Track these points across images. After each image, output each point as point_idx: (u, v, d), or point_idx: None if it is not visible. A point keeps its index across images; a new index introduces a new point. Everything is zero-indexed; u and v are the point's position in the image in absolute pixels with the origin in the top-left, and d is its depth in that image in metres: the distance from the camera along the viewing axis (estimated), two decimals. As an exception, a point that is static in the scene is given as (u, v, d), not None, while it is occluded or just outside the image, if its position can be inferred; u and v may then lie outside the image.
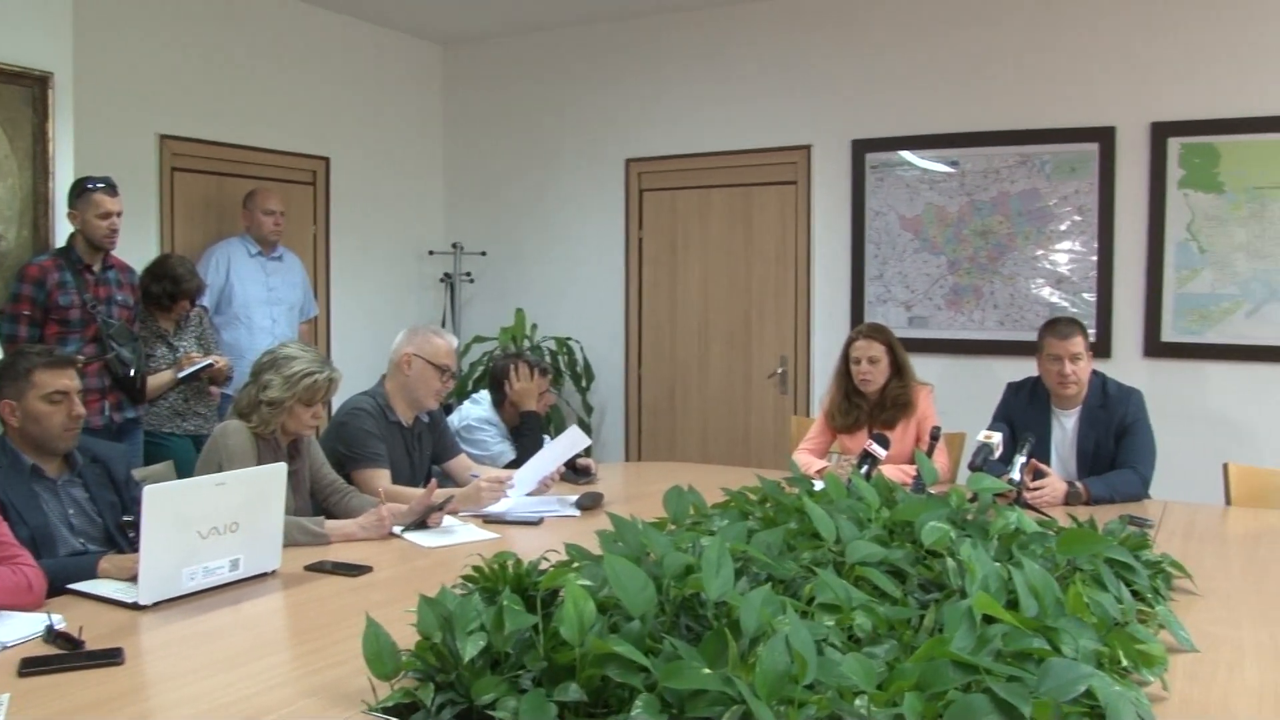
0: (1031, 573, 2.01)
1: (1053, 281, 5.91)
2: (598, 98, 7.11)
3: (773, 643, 1.61)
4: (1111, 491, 4.09)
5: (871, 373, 4.53)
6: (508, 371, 4.66)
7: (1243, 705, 2.02)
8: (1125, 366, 5.62)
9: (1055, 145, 5.88)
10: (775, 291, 6.60)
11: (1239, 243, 5.54)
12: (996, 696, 1.57)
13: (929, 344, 6.07)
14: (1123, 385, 4.40)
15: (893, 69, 6.21)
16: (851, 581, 2.14)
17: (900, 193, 6.21)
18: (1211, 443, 5.37)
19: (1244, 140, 5.50)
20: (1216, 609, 2.68)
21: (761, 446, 6.65)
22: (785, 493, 2.84)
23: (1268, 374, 5.53)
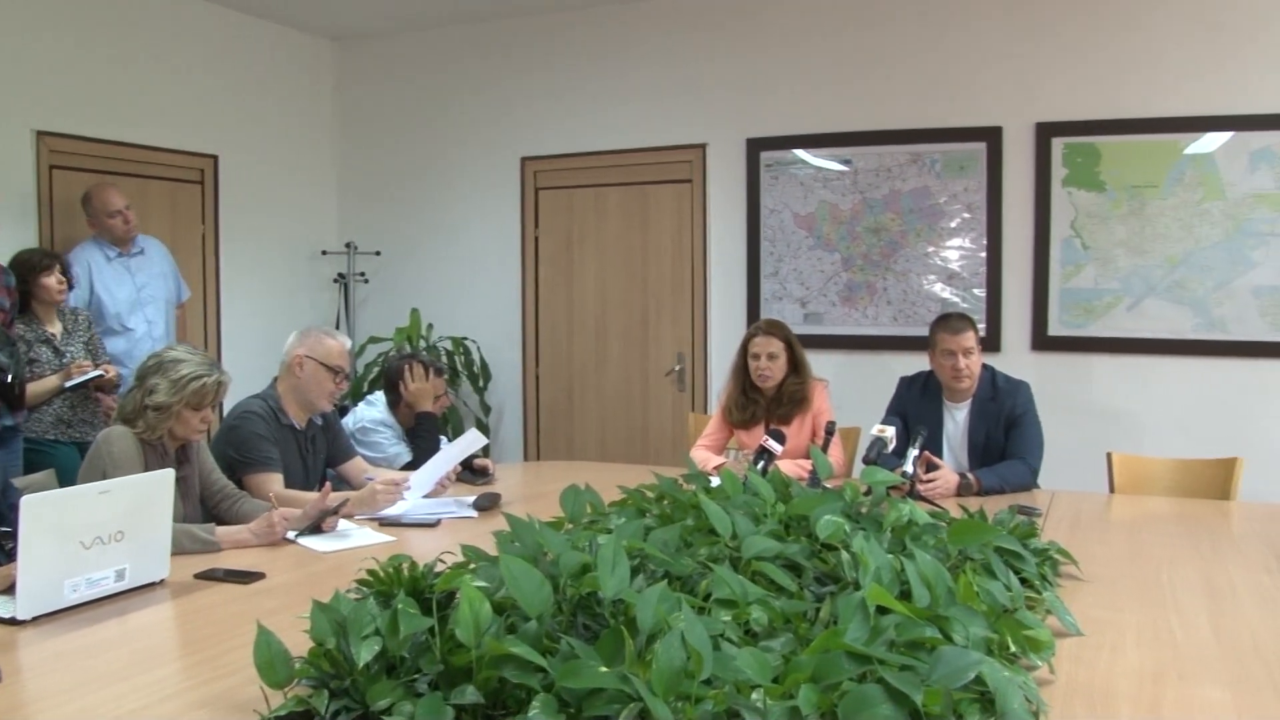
0: (923, 563, 2.04)
1: (944, 277, 6.03)
2: (493, 96, 7.06)
3: (668, 639, 1.61)
4: (1002, 482, 4.19)
5: (770, 369, 4.57)
6: (402, 372, 4.60)
7: (1125, 685, 2.08)
8: (1014, 360, 5.76)
9: (945, 144, 6.01)
10: (672, 289, 6.64)
11: (1119, 239, 5.71)
12: (889, 686, 1.59)
13: (824, 340, 6.16)
14: (1011, 378, 4.51)
15: (786, 69, 6.29)
16: (748, 576, 2.15)
17: (794, 191, 6.28)
18: (1096, 432, 5.53)
19: (1123, 140, 5.68)
20: (1101, 593, 2.76)
21: (660, 444, 6.68)
22: (682, 490, 2.85)
23: (1148, 365, 5.72)
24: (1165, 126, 5.63)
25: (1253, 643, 2.38)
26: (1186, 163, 5.61)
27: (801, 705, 1.57)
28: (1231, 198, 5.54)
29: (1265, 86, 5.47)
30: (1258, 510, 4.11)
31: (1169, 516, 3.95)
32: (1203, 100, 5.56)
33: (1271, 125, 5.46)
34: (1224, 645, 2.36)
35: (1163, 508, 4.15)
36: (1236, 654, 2.30)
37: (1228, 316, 5.59)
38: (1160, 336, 5.70)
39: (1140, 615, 2.57)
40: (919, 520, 2.57)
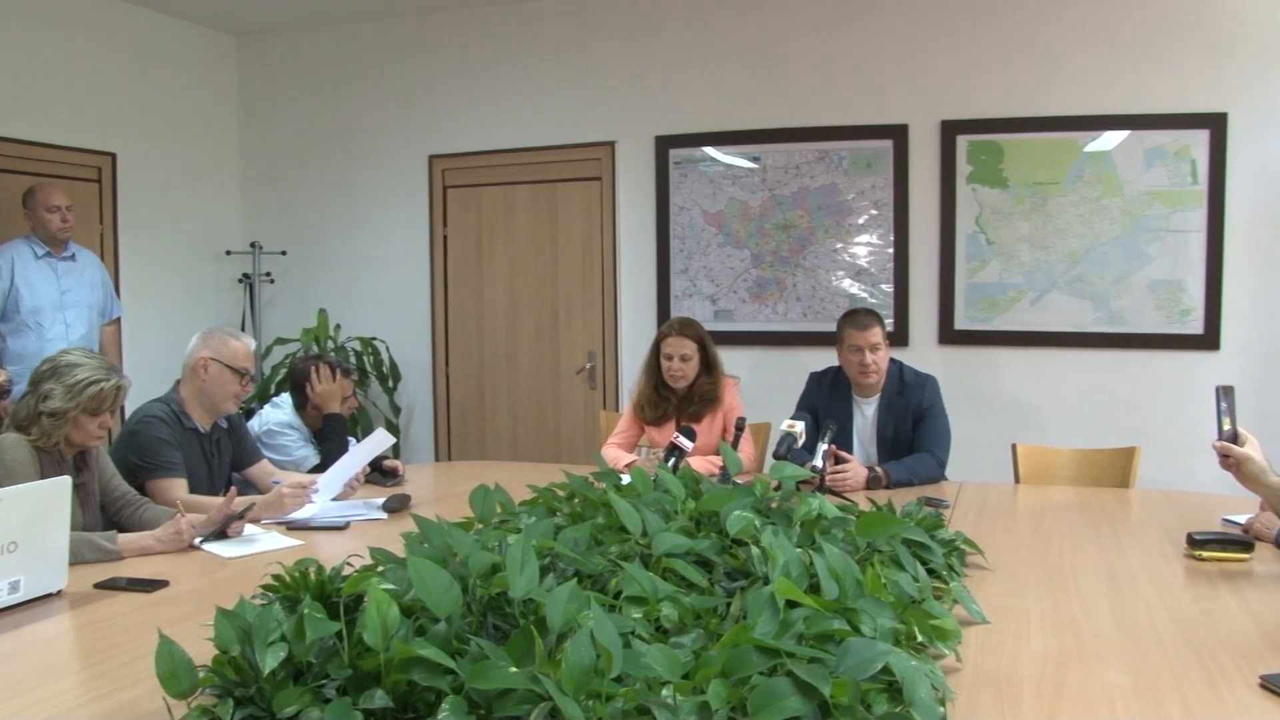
0: (832, 556, 2.06)
1: (852, 273, 6.10)
2: (400, 93, 7.00)
3: (578, 638, 1.60)
4: (910, 475, 4.25)
5: (684, 370, 4.58)
6: (309, 373, 4.54)
7: (1029, 670, 2.12)
8: (921, 354, 5.86)
9: (852, 142, 6.08)
10: (582, 287, 6.63)
11: (1023, 235, 5.83)
12: (798, 679, 1.60)
13: (734, 336, 6.20)
14: (919, 372, 4.58)
15: (695, 67, 6.31)
16: (659, 573, 2.15)
17: (704, 188, 6.31)
18: (1002, 424, 5.65)
19: (1026, 138, 5.81)
20: (1006, 582, 2.82)
21: (572, 442, 6.67)
22: (593, 488, 2.84)
23: (1051, 358, 5.85)
24: (1065, 125, 5.77)
25: (1151, 626, 2.44)
26: (1086, 160, 5.75)
27: (711, 700, 1.57)
28: (1128, 194, 5.69)
29: (1158, 88, 5.65)
30: (1155, 497, 4.22)
31: (1071, 505, 4.03)
32: (1101, 100, 5.72)
33: (1164, 125, 5.64)
34: (1124, 629, 2.41)
35: (1065, 497, 4.23)
36: (1135, 637, 2.35)
37: (1126, 310, 5.74)
38: (1062, 330, 5.84)
39: (1044, 602, 2.62)
40: (828, 514, 2.59)
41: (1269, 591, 2.79)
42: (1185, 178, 5.63)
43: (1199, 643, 2.31)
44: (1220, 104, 5.59)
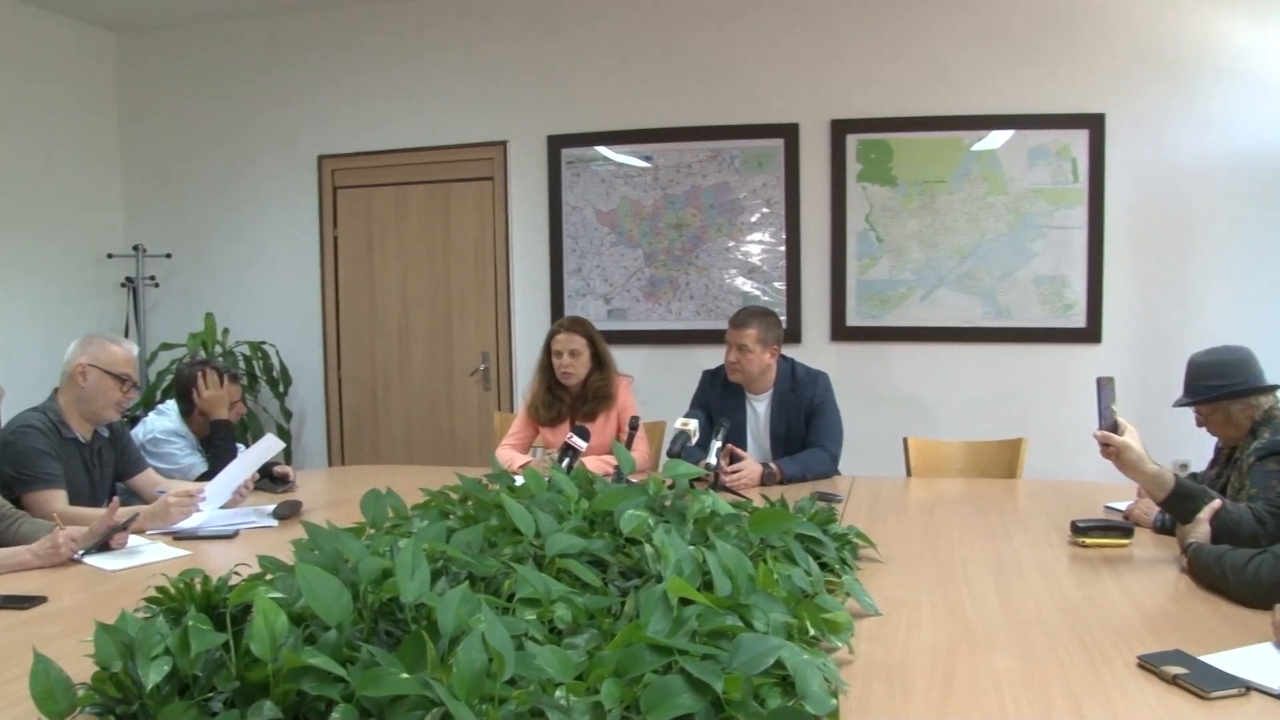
0: (724, 553, 2.07)
1: (745, 271, 6.15)
2: (287, 92, 6.86)
3: (469, 642, 1.59)
4: (804, 470, 4.30)
5: (573, 365, 4.57)
6: (195, 379, 4.43)
7: (920, 660, 2.16)
8: (815, 350, 5.93)
9: (744, 141, 6.12)
10: (475, 288, 6.58)
11: (912, 232, 5.93)
12: (690, 676, 1.60)
13: (629, 335, 6.20)
14: (810, 369, 4.64)
15: (587, 66, 6.30)
16: (552, 574, 2.14)
17: (596, 188, 6.31)
18: (893, 419, 5.74)
19: (914, 137, 5.91)
20: (898, 574, 2.86)
21: (467, 444, 6.62)
22: (485, 490, 2.82)
23: (940, 353, 5.97)
24: (952, 125, 5.89)
25: (1037, 613, 2.50)
26: (972, 159, 5.87)
27: (604, 700, 1.57)
28: (1013, 192, 5.83)
29: (1040, 89, 5.81)
30: (1040, 487, 4.33)
31: (961, 497, 4.12)
32: (986, 100, 5.86)
33: (1046, 125, 5.80)
34: (1011, 617, 2.47)
35: (956, 488, 4.32)
36: (1023, 624, 2.41)
37: (1012, 304, 5.88)
38: (951, 325, 5.96)
39: (935, 593, 2.67)
40: (721, 511, 2.60)
41: (1148, 575, 2.88)
42: (1067, 176, 5.79)
43: (1082, 627, 2.38)
44: (1098, 105, 5.77)
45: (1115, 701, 1.95)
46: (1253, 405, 3.49)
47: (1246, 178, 5.66)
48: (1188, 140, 5.72)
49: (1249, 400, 3.49)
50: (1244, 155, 5.66)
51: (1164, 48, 5.70)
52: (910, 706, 1.93)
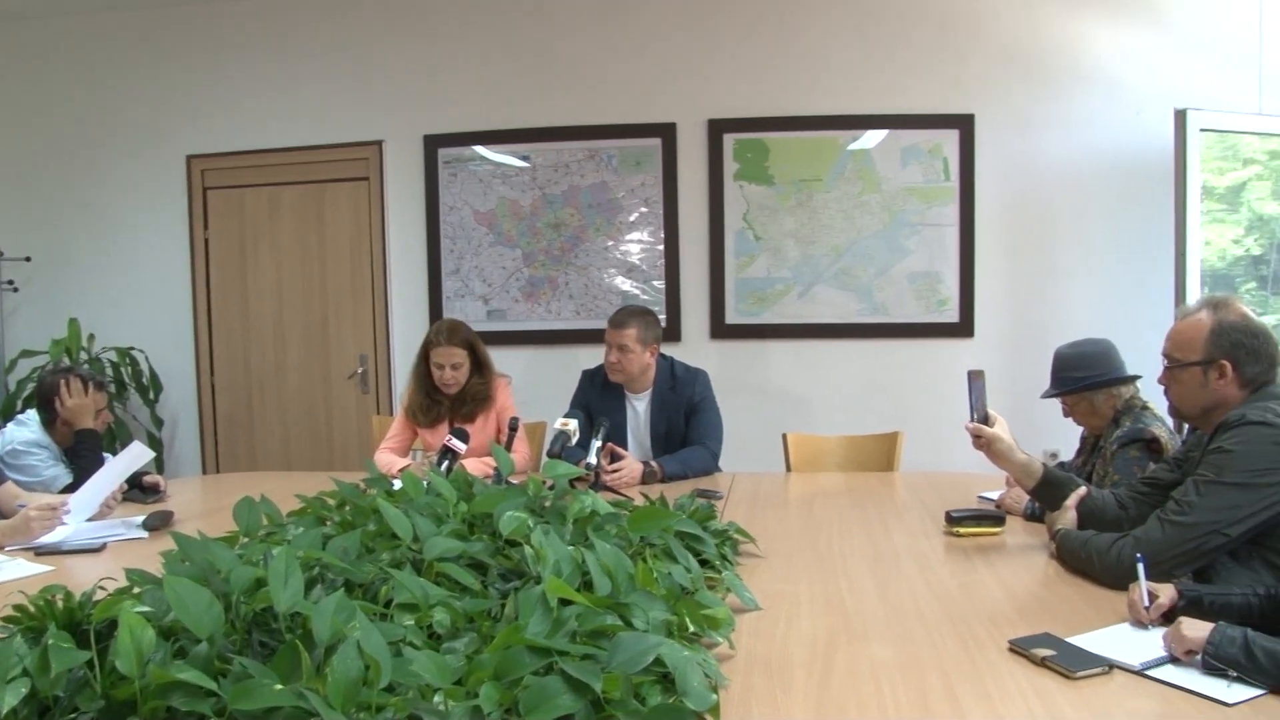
0: (603, 553, 2.06)
1: (624, 271, 6.16)
2: (153, 88, 6.65)
3: (344, 650, 1.56)
4: (685, 468, 4.32)
5: (455, 378, 4.50)
6: (57, 387, 4.27)
7: (800, 653, 2.18)
8: (694, 348, 5.97)
9: (621, 140, 6.13)
10: (352, 290, 6.47)
11: (788, 230, 6.01)
12: (570, 676, 1.60)
13: (508, 336, 6.17)
14: (690, 367, 4.66)
15: (463, 65, 6.25)
16: (431, 578, 2.12)
17: (474, 187, 6.26)
18: (773, 415, 5.81)
19: (790, 137, 5.99)
20: (778, 568, 2.89)
21: (346, 449, 6.51)
22: (363, 495, 2.77)
23: (818, 349, 6.06)
24: (827, 124, 5.99)
25: (914, 602, 2.54)
26: (847, 158, 5.98)
27: (483, 704, 1.55)
28: (887, 191, 5.95)
29: (913, 89, 5.94)
30: (917, 479, 4.41)
31: (840, 490, 4.18)
32: (860, 100, 5.98)
33: (919, 124, 5.94)
34: (889, 607, 2.51)
35: (834, 482, 4.38)
36: (900, 614, 2.45)
37: (888, 301, 5.99)
38: (829, 321, 6.05)
39: (814, 586, 2.70)
40: (601, 510, 2.59)
41: (1019, 562, 2.96)
42: (939, 175, 5.92)
43: (956, 614, 2.43)
44: (968, 106, 5.93)
45: (988, 685, 2.00)
46: (1115, 395, 3.62)
47: (1107, 176, 5.88)
48: (1052, 140, 5.92)
49: (1111, 390, 3.62)
50: (1104, 155, 5.88)
51: (1029, 51, 5.89)
52: (790, 698, 1.95)
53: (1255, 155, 6.05)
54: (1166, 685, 2.00)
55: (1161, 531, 2.64)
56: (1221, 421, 2.70)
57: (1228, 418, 2.68)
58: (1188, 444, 3.05)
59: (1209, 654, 2.03)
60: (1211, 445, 2.69)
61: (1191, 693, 1.96)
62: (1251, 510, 2.57)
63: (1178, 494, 2.69)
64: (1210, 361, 2.77)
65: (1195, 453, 2.84)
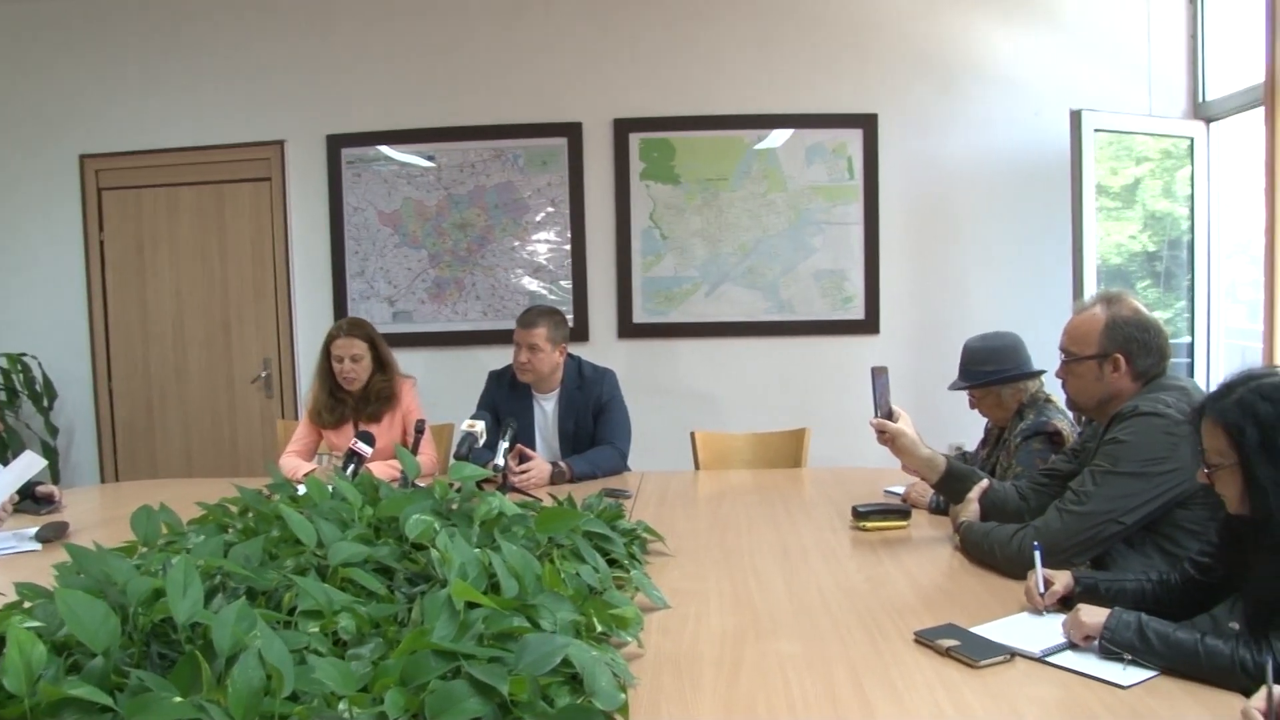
0: (510, 554, 2.05)
1: (531, 271, 6.13)
2: (42, 85, 6.44)
3: (245, 659, 1.53)
4: (593, 468, 4.32)
5: (355, 370, 4.46)
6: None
7: (708, 649, 2.20)
8: (602, 348, 5.97)
9: (527, 140, 6.10)
10: (255, 292, 6.35)
11: (695, 229, 6.03)
12: (476, 680, 1.58)
13: (414, 338, 6.11)
14: (597, 366, 4.66)
15: (366, 64, 6.16)
16: (337, 584, 2.09)
17: (378, 188, 6.18)
18: (682, 413, 5.82)
19: (695, 136, 6.01)
20: (687, 566, 2.90)
21: (250, 454, 6.39)
22: (266, 500, 2.72)
23: (726, 348, 6.09)
24: (733, 124, 6.03)
25: (821, 597, 2.57)
26: (753, 157, 6.01)
27: (389, 710, 1.54)
28: (792, 189, 6.00)
29: (816, 89, 6.01)
30: (824, 475, 4.46)
31: (748, 487, 4.21)
32: (765, 100, 6.03)
33: (823, 124, 6.01)
34: (796, 602, 2.53)
35: (742, 479, 4.41)
36: (807, 608, 2.48)
37: (794, 298, 6.04)
38: (736, 319, 6.08)
39: (722, 583, 2.72)
40: (508, 512, 2.58)
41: (924, 554, 3.01)
42: (843, 174, 5.99)
43: (863, 608, 2.46)
44: (871, 105, 6.01)
45: (894, 677, 2.03)
46: (1021, 389, 3.70)
47: (1006, 175, 6.00)
48: (953, 140, 6.02)
49: (1019, 385, 3.69)
50: (1003, 154, 6.01)
51: (930, 53, 5.99)
52: (699, 695, 1.95)
53: (1149, 154, 6.22)
54: (1066, 670, 2.06)
55: (1060, 521, 2.70)
56: (1116, 413, 2.77)
57: (1121, 409, 2.75)
58: (1084, 435, 3.12)
59: (1105, 639, 2.08)
60: (1106, 436, 2.76)
61: (1089, 677, 2.02)
62: (1145, 498, 2.65)
63: (1075, 484, 2.76)
64: (1105, 355, 2.84)
65: (1092, 444, 2.91)
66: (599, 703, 1.71)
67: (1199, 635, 2.02)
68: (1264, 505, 2.06)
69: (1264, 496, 2.06)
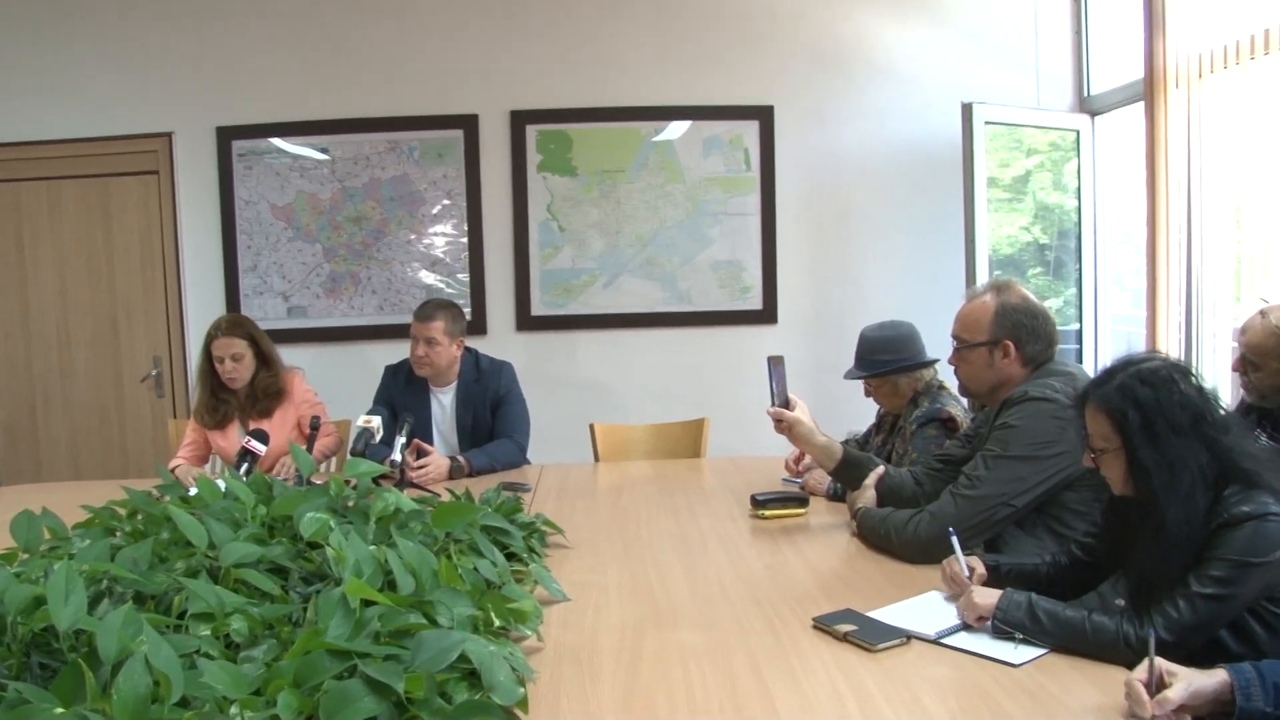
0: (406, 550, 2.02)
1: (428, 264, 6.07)
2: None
3: (130, 666, 1.49)
4: (492, 461, 4.29)
5: (237, 369, 4.37)
6: None
7: (608, 641, 2.20)
8: (500, 341, 5.93)
9: (423, 132, 6.03)
10: (144, 289, 6.18)
11: (593, 221, 6.02)
12: (371, 678, 1.56)
13: (310, 333, 6.01)
14: (494, 359, 4.64)
15: (257, 55, 6.02)
16: (229, 585, 2.04)
17: (270, 181, 6.06)
18: (581, 405, 5.81)
19: (592, 128, 6.01)
20: (586, 558, 2.90)
21: (141, 455, 6.22)
22: (155, 502, 2.66)
23: (625, 339, 6.09)
24: (630, 115, 6.02)
25: (720, 586, 2.59)
26: (650, 149, 6.02)
27: (282, 712, 1.51)
28: (690, 181, 6.02)
29: (713, 81, 6.04)
30: (723, 464, 4.49)
31: (648, 478, 4.22)
32: (662, 92, 6.04)
33: (720, 116, 6.04)
34: (696, 592, 2.55)
35: (642, 470, 4.42)
36: (707, 598, 2.49)
37: (692, 290, 6.07)
38: (635, 311, 6.09)
39: (622, 575, 2.72)
40: (405, 508, 2.55)
41: (822, 541, 3.05)
42: (740, 165, 6.03)
43: (762, 596, 2.48)
44: (767, 97, 6.05)
45: (793, 663, 2.05)
46: (916, 378, 3.76)
47: (901, 166, 6.10)
48: (849, 132, 6.10)
49: (914, 373, 3.75)
50: (897, 146, 6.10)
51: (825, 46, 6.05)
52: (599, 687, 1.95)
53: (1039, 147, 6.36)
54: (960, 651, 2.11)
55: (954, 505, 2.76)
56: (1006, 398, 2.83)
57: (1011, 395, 2.82)
58: (977, 421, 3.19)
59: (998, 619, 2.13)
60: (998, 421, 2.82)
61: (982, 656, 2.06)
62: (1035, 481, 2.72)
63: (968, 469, 2.82)
64: (995, 342, 2.90)
65: (984, 429, 2.97)
66: (497, 698, 1.69)
67: (1086, 613, 2.08)
68: (1147, 486, 2.12)
69: (1146, 478, 2.12)
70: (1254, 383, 3.49)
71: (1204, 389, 2.16)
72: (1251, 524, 2.01)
